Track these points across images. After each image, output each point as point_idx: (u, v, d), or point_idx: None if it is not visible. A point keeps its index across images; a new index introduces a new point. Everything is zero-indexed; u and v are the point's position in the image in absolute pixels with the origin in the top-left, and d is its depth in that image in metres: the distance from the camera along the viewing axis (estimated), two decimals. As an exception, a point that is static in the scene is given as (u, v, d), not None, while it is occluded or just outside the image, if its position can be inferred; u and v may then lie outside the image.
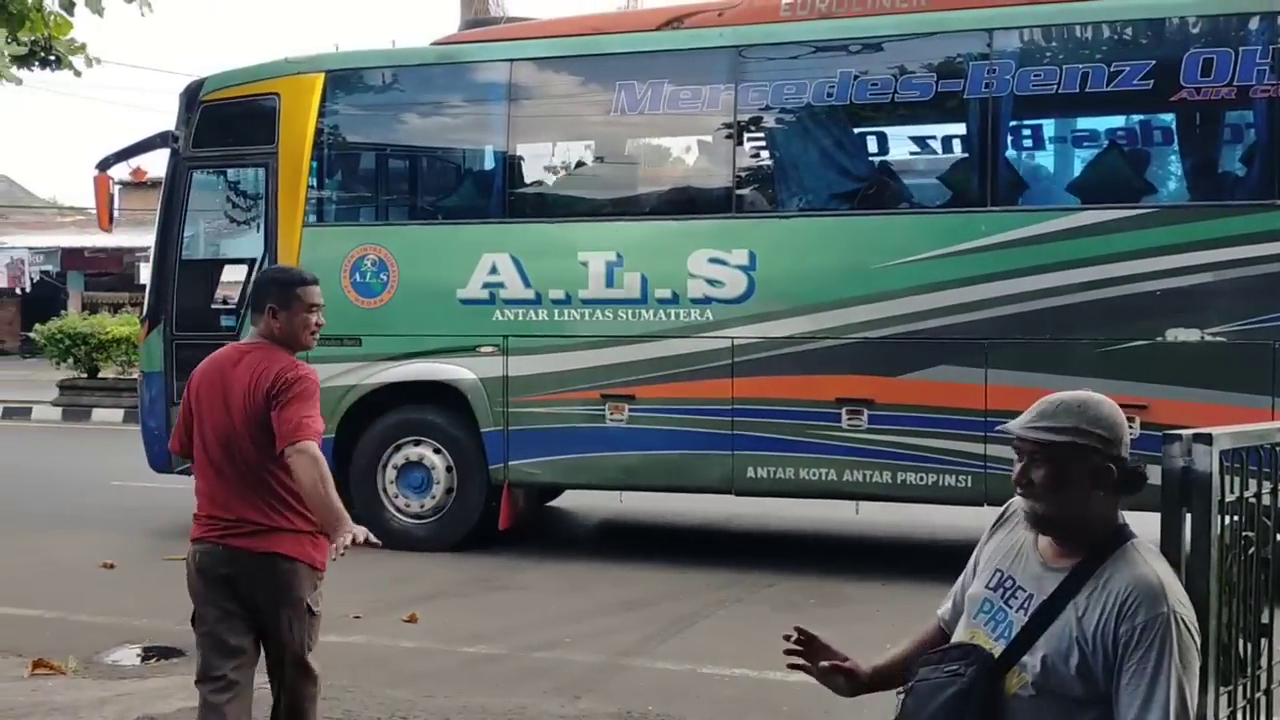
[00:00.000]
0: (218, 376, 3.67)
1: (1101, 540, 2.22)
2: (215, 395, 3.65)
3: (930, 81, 7.34)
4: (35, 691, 5.00)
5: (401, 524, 8.33)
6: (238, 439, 3.59)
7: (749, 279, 7.49)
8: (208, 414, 3.65)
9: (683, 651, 5.93)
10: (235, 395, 3.60)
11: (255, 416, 3.56)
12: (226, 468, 3.61)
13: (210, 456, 3.64)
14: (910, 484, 7.29)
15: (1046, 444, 2.18)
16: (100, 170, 8.97)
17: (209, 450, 3.64)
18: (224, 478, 3.61)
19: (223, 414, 3.62)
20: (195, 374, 3.78)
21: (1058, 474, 2.17)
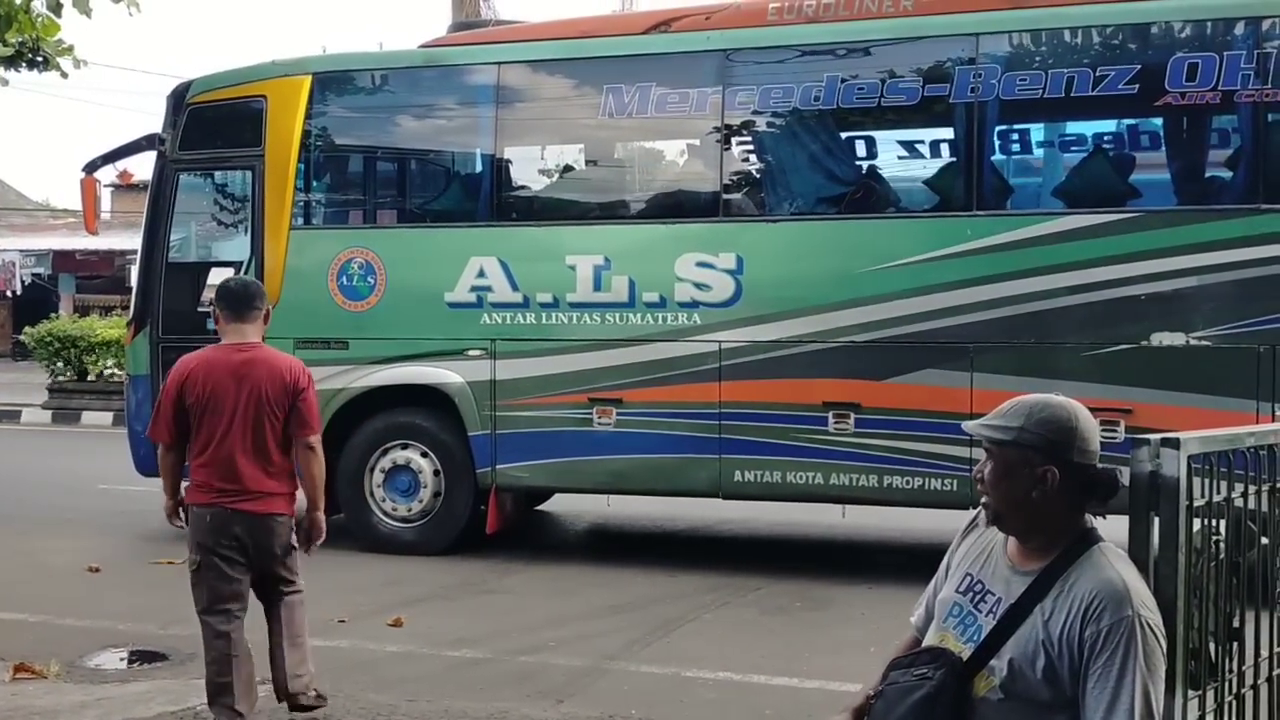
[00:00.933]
0: (229, 373, 4.44)
1: (1068, 544, 2.23)
2: (230, 388, 4.42)
3: (917, 86, 7.35)
4: (16, 695, 4.98)
5: (389, 528, 8.32)
6: (261, 423, 4.44)
7: (736, 283, 7.49)
8: (225, 404, 4.41)
9: (667, 655, 5.93)
10: (264, 388, 4.43)
11: (281, 405, 4.46)
12: (238, 447, 4.42)
13: (221, 439, 4.41)
14: (896, 487, 7.30)
15: (993, 441, 2.26)
16: (87, 173, 8.94)
17: (222, 434, 4.41)
18: (234, 455, 4.42)
19: (246, 403, 4.41)
20: (193, 372, 4.47)
21: (1001, 470, 2.25)
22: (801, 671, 5.66)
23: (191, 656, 5.81)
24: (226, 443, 4.44)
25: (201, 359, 4.52)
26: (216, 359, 4.50)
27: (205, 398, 4.43)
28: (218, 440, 4.44)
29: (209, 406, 4.43)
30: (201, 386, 4.44)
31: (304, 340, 8.28)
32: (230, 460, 4.44)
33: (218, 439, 4.44)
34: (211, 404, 4.43)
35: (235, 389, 4.43)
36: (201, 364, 4.49)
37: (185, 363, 4.55)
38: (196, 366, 4.49)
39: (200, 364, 4.49)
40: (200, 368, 4.48)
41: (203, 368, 4.48)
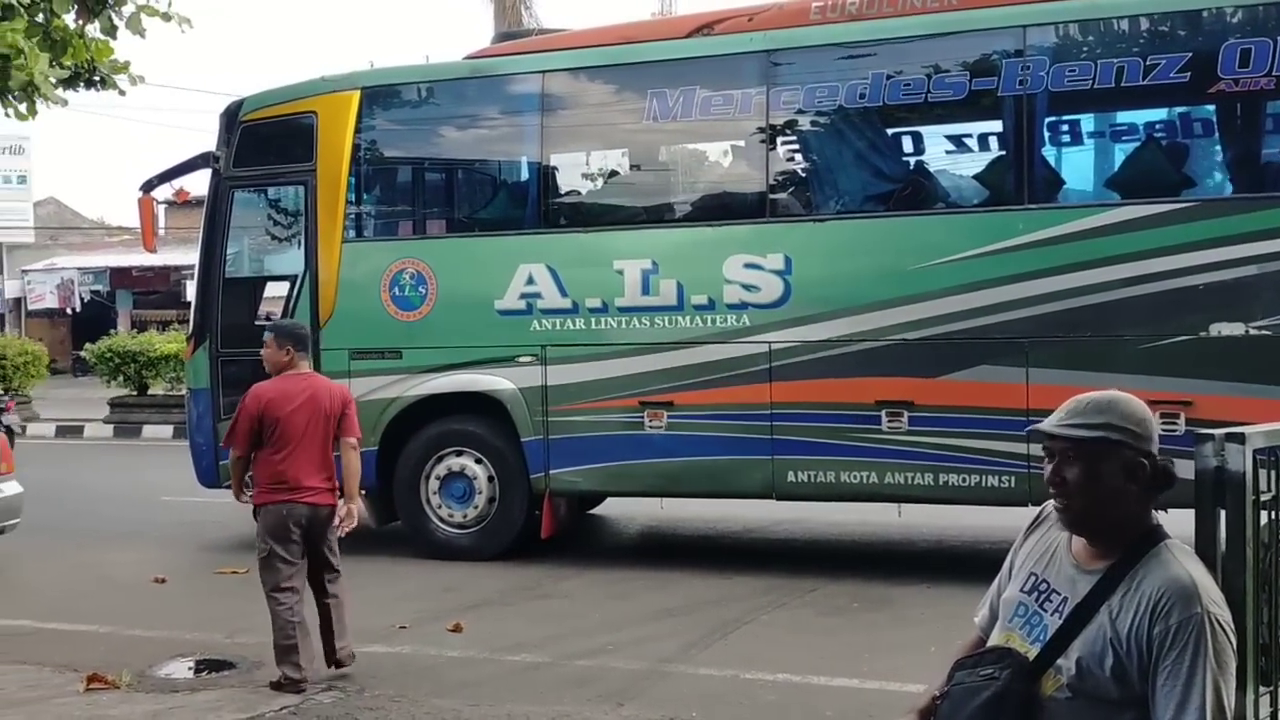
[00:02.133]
0: (298, 396, 5.56)
1: (1134, 541, 2.21)
2: (302, 410, 5.52)
3: (964, 80, 7.30)
4: (91, 705, 5.10)
5: (445, 534, 8.41)
6: (322, 437, 5.59)
7: (785, 283, 7.48)
8: (297, 423, 5.50)
9: (725, 657, 5.93)
10: (324, 407, 5.60)
11: (334, 420, 5.63)
12: (304, 457, 5.51)
13: (293, 450, 5.48)
14: (952, 485, 7.24)
15: (1079, 441, 2.16)
16: (144, 192, 9.13)
17: (294, 446, 5.48)
18: (304, 461, 5.51)
19: (311, 422, 5.53)
20: (266, 397, 5.53)
21: (1091, 471, 2.16)
22: (861, 672, 5.64)
23: (258, 664, 5.93)
24: (297, 453, 5.51)
25: (276, 388, 5.59)
26: (288, 388, 5.59)
27: (282, 418, 5.49)
28: (290, 451, 5.49)
29: (284, 425, 5.49)
30: (279, 409, 5.50)
31: (359, 350, 8.40)
32: (300, 467, 5.50)
33: (290, 450, 5.50)
34: (287, 423, 5.49)
35: (305, 411, 5.53)
36: (278, 392, 5.56)
37: (263, 391, 5.59)
38: (275, 395, 5.55)
39: (277, 392, 5.57)
40: (278, 395, 5.55)
41: (280, 395, 5.55)
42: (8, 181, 30.34)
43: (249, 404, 5.55)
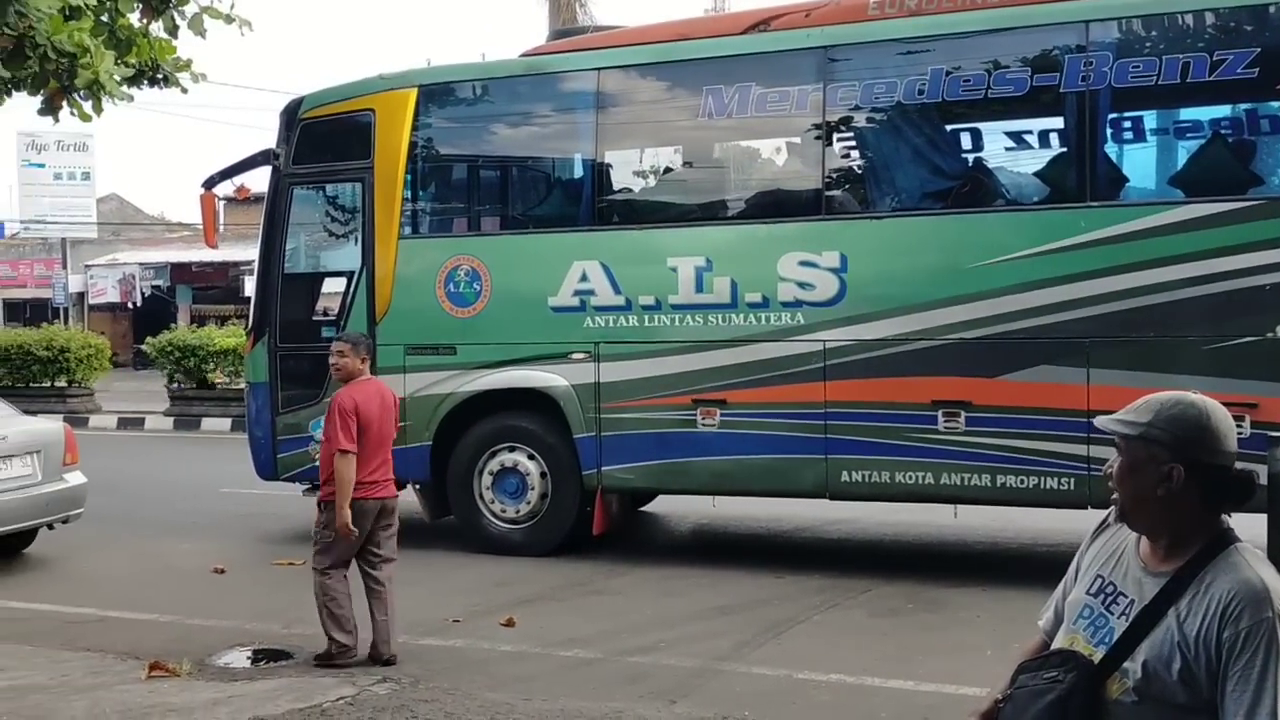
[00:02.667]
0: (375, 400, 5.98)
1: (1202, 544, 2.17)
2: (377, 411, 5.96)
3: (1025, 76, 7.20)
4: (153, 693, 5.19)
5: (498, 529, 8.46)
6: (392, 434, 6.14)
7: (840, 281, 7.43)
8: (381, 423, 5.98)
9: (779, 657, 5.91)
10: (390, 408, 6.11)
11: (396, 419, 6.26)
12: (382, 454, 6.00)
13: (374, 445, 5.91)
14: (1010, 487, 7.15)
15: (1121, 435, 2.22)
16: (205, 189, 9.27)
17: (375, 441, 5.92)
18: (381, 460, 5.99)
19: (383, 420, 6.00)
20: (361, 402, 5.89)
21: (1128, 466, 2.21)
22: (916, 674, 5.59)
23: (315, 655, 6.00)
24: (377, 453, 5.97)
25: (362, 392, 5.99)
26: (368, 391, 6.02)
27: (368, 419, 5.91)
28: (371, 451, 5.91)
29: (369, 426, 5.91)
30: (367, 411, 5.92)
31: (414, 346, 8.48)
32: (377, 465, 5.96)
33: (370, 447, 5.91)
34: (368, 422, 5.90)
35: (380, 411, 6.00)
36: (363, 395, 5.97)
37: (352, 395, 5.93)
38: (362, 397, 5.95)
39: (363, 395, 5.96)
40: (364, 398, 5.95)
41: (365, 398, 5.96)
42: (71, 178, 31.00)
43: (348, 407, 5.85)
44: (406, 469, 8.64)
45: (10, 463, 8.13)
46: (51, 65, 7.03)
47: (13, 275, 34.69)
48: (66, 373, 19.52)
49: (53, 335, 20.02)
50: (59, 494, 8.42)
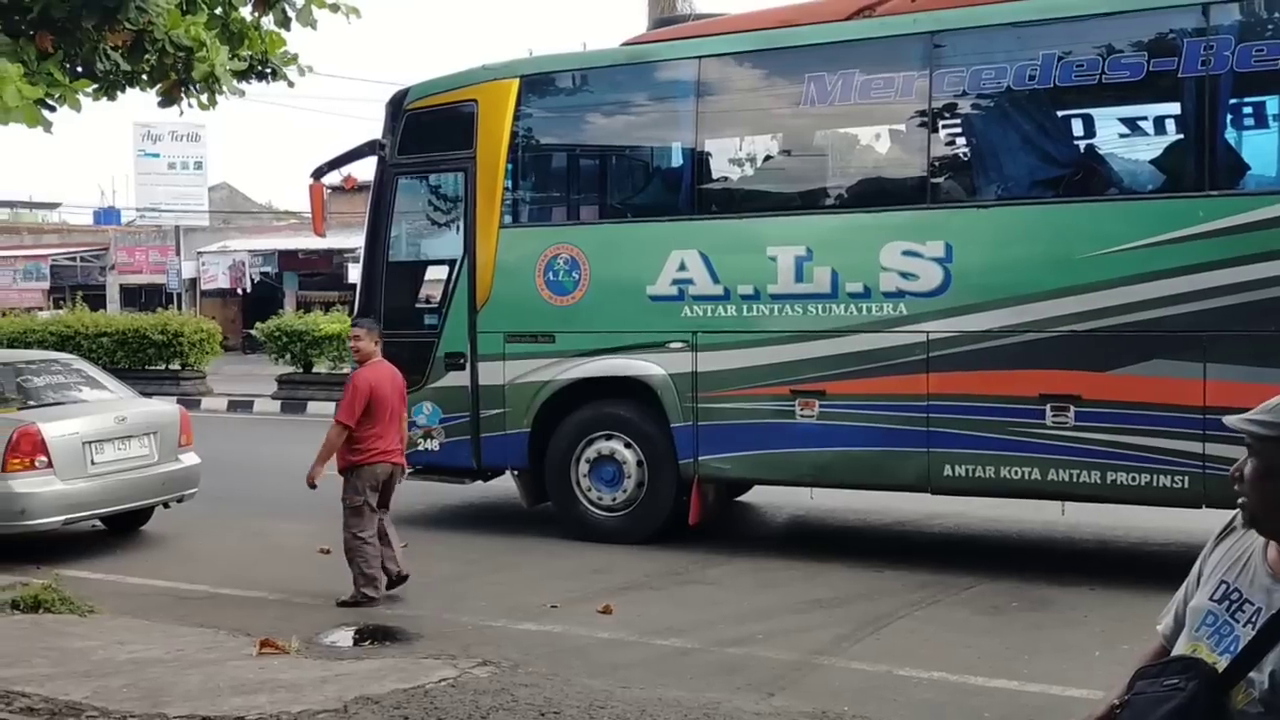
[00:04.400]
0: (388, 380, 7.01)
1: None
2: (389, 389, 6.96)
3: (1141, 60, 6.95)
4: (263, 669, 5.35)
5: (595, 516, 8.51)
6: (402, 410, 7.16)
7: (945, 271, 7.28)
8: (387, 399, 6.92)
9: (878, 652, 5.83)
10: (400, 387, 7.13)
11: (403, 398, 7.19)
12: (395, 424, 7.02)
13: (389, 419, 6.93)
14: (1121, 484, 6.94)
15: (1255, 436, 2.12)
16: (315, 179, 9.47)
17: (389, 416, 6.93)
18: (392, 430, 6.99)
19: (393, 397, 6.99)
20: (375, 381, 6.89)
21: (1262, 469, 2.11)
22: (1021, 674, 5.47)
23: (418, 636, 6.15)
24: (390, 421, 6.93)
25: (375, 373, 6.95)
26: (381, 372, 6.99)
27: (382, 396, 6.86)
28: (385, 421, 6.88)
29: (381, 402, 6.85)
30: (379, 389, 6.86)
31: (513, 334, 8.57)
32: (389, 432, 6.93)
33: (385, 420, 6.87)
34: (383, 399, 6.86)
35: (391, 389, 6.96)
36: (377, 375, 6.93)
37: (367, 375, 6.92)
38: (376, 377, 6.91)
39: (376, 376, 6.93)
40: (378, 378, 6.91)
41: (379, 378, 6.92)
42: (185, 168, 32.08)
43: (362, 384, 6.81)
44: (505, 455, 8.78)
45: (129, 443, 8.45)
46: (169, 59, 7.25)
47: (129, 262, 36.04)
48: (180, 356, 20.22)
49: (167, 320, 20.76)
50: (174, 474, 8.74)
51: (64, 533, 8.42)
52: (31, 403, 8.50)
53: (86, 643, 5.74)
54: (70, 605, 6.41)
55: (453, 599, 6.98)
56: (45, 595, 6.43)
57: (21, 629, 6.00)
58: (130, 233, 37.88)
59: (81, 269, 37.06)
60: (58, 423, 8.09)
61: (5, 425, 7.87)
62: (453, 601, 6.91)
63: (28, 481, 7.79)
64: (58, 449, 7.92)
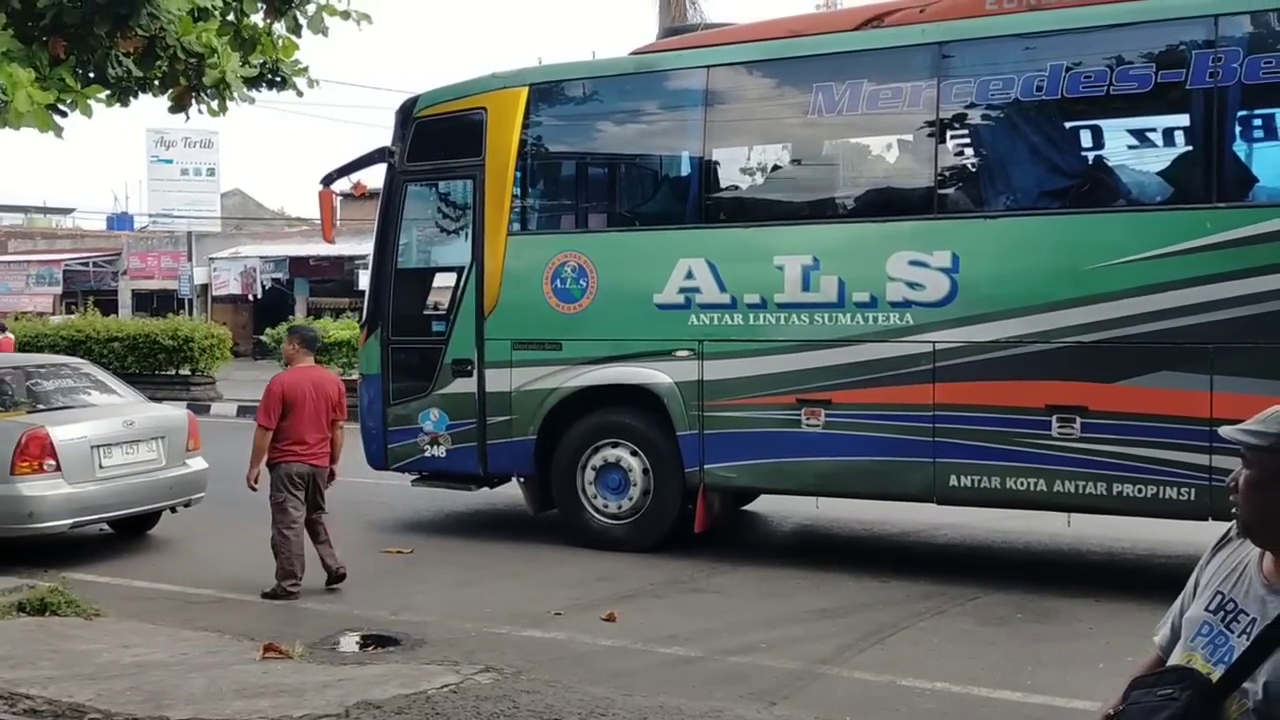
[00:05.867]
0: (309, 385, 7.30)
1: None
2: (310, 393, 7.25)
3: (1149, 72, 6.95)
4: (266, 673, 5.36)
5: (600, 524, 8.52)
6: (323, 413, 7.32)
7: (952, 281, 7.28)
8: (307, 403, 7.23)
9: (881, 662, 5.82)
10: (325, 391, 7.35)
11: (332, 402, 7.37)
12: (315, 426, 7.26)
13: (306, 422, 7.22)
14: (1127, 496, 6.92)
15: (1249, 447, 2.15)
16: (324, 185, 9.51)
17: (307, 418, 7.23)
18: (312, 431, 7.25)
19: (316, 401, 7.27)
20: (287, 384, 7.28)
21: (1256, 480, 2.13)
22: (1025, 685, 5.45)
23: (421, 642, 6.16)
24: (306, 425, 7.19)
25: (293, 377, 7.33)
26: (301, 376, 7.34)
27: (297, 399, 7.18)
28: (303, 424, 7.19)
29: (298, 404, 7.18)
30: (293, 392, 7.19)
31: (520, 341, 8.59)
32: (307, 435, 7.21)
33: (303, 423, 7.19)
34: (299, 402, 7.18)
35: (313, 393, 7.25)
36: (294, 379, 7.29)
37: (282, 379, 7.34)
38: (293, 381, 7.27)
39: (293, 379, 7.29)
40: (294, 382, 7.26)
41: (296, 381, 7.27)
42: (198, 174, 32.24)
43: (275, 389, 7.22)
44: (511, 462, 8.79)
45: (137, 447, 8.49)
46: (180, 65, 7.31)
47: (142, 267, 36.19)
48: (190, 361, 20.31)
49: (177, 325, 20.85)
50: (182, 478, 8.77)
51: (71, 536, 8.45)
52: (41, 406, 8.55)
53: (91, 645, 5.76)
54: (76, 608, 6.44)
55: (457, 605, 6.99)
56: (52, 598, 6.46)
57: (27, 631, 6.03)
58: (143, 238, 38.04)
59: (94, 274, 37.24)
60: (66, 426, 8.14)
61: (14, 429, 7.92)
62: (457, 607, 6.92)
63: (36, 485, 7.84)
64: (66, 452, 7.96)
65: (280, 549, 7.20)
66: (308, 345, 7.61)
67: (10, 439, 7.81)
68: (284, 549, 7.19)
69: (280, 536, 7.20)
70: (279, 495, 7.24)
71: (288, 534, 7.19)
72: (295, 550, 7.21)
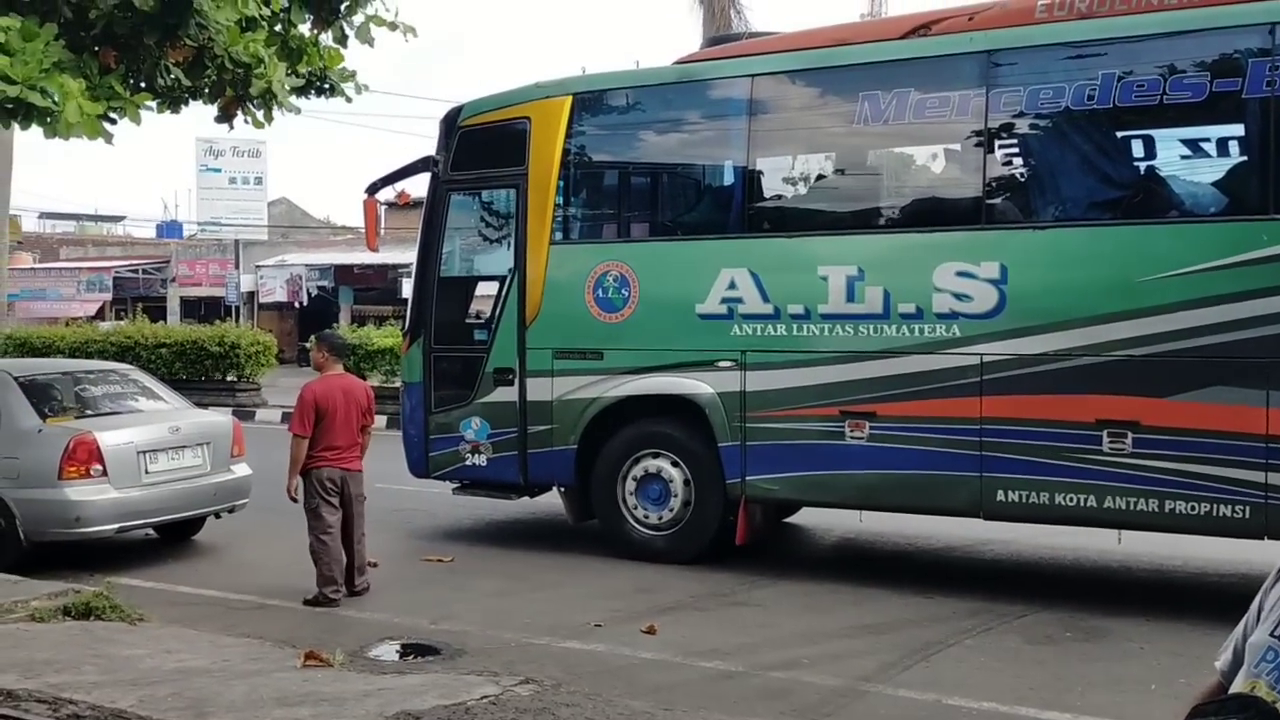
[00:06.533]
0: (339, 389, 7.39)
1: None
2: (341, 400, 7.34)
3: (1203, 81, 6.81)
4: (307, 681, 5.36)
5: (640, 535, 8.46)
6: (355, 419, 7.43)
7: (1000, 293, 7.17)
8: (338, 409, 7.31)
9: (926, 680, 5.72)
10: (356, 398, 7.45)
11: (363, 408, 7.50)
12: (347, 431, 7.35)
13: (339, 427, 7.30)
14: (1180, 513, 6.77)
15: None
16: (369, 194, 9.57)
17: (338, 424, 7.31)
18: (344, 436, 7.34)
19: (347, 408, 7.36)
20: (318, 391, 7.31)
21: None
22: (1075, 706, 5.33)
23: (461, 652, 6.14)
24: (337, 432, 7.28)
25: (324, 385, 7.38)
26: (331, 384, 7.40)
27: (330, 407, 7.27)
28: (335, 429, 7.28)
29: (330, 412, 7.28)
30: (325, 399, 7.28)
31: (562, 350, 8.57)
32: (337, 440, 7.30)
33: (334, 428, 7.28)
34: (330, 409, 7.28)
35: (342, 399, 7.34)
36: (325, 387, 7.35)
37: (313, 388, 7.35)
38: (324, 388, 7.33)
39: (324, 387, 7.35)
40: (325, 389, 7.33)
41: (326, 389, 7.34)
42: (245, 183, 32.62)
43: (307, 398, 7.25)
44: (551, 471, 8.77)
45: (183, 453, 8.56)
46: (228, 75, 7.37)
47: (190, 274, 36.69)
48: (236, 368, 20.51)
49: (224, 332, 21.08)
50: (226, 484, 8.83)
51: (117, 540, 8.54)
52: (89, 412, 8.65)
53: (134, 651, 5.80)
54: (120, 613, 6.48)
55: (497, 615, 6.97)
56: (97, 602, 6.51)
57: (72, 635, 6.08)
58: (191, 246, 38.59)
59: (143, 281, 37.80)
60: (113, 432, 8.22)
61: (62, 434, 8.01)
62: (497, 617, 6.90)
63: (83, 489, 7.92)
64: (113, 458, 8.04)
65: (319, 555, 7.23)
66: (337, 353, 7.66)
67: (58, 444, 7.90)
68: (322, 555, 7.23)
69: (318, 543, 7.24)
70: (312, 501, 7.30)
71: (324, 539, 7.23)
72: (334, 556, 7.25)
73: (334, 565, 7.24)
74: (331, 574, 7.22)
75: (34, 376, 8.85)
